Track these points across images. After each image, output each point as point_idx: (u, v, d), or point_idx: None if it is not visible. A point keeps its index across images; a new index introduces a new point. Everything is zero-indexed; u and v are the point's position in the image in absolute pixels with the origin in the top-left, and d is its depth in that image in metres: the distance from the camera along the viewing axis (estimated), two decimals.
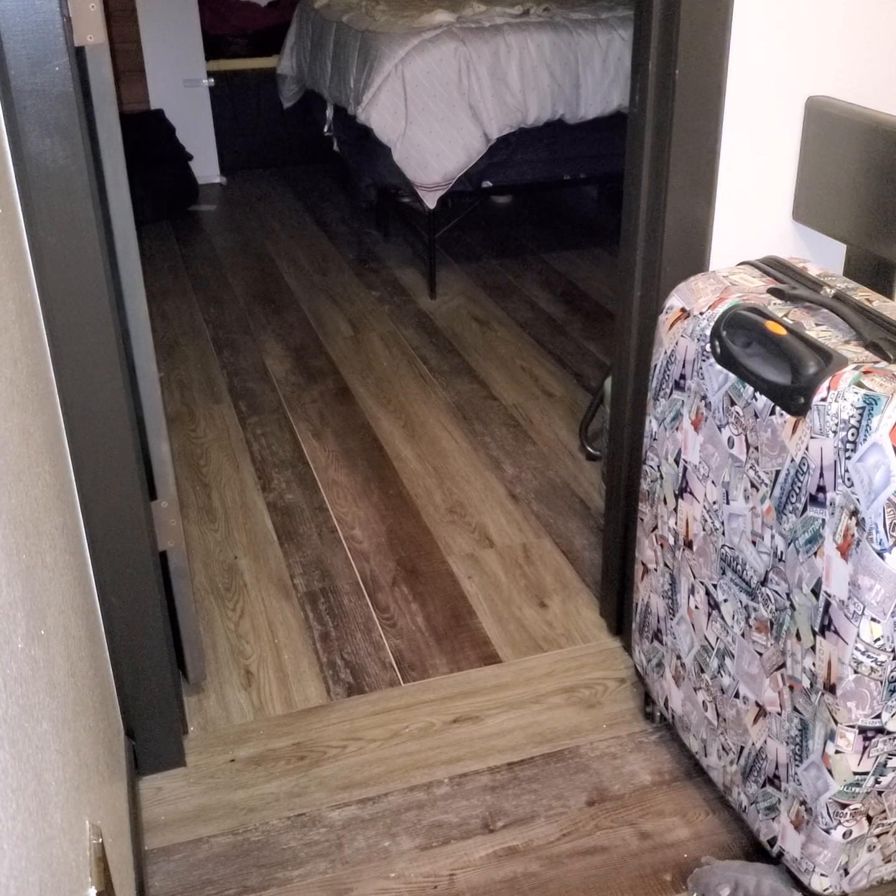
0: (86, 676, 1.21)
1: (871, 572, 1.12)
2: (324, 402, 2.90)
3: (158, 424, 1.58)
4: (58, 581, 1.09)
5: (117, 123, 1.36)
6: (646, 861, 1.53)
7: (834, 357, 1.18)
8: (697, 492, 1.44)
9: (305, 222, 4.48)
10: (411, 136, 3.36)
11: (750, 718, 1.41)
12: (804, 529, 1.22)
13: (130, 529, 1.52)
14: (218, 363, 3.17)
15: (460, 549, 2.25)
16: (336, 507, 2.41)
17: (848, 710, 1.20)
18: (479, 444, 2.67)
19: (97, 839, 1.01)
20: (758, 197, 1.59)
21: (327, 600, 2.09)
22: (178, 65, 4.77)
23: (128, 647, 1.59)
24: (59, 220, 1.31)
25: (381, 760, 1.71)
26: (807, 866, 1.34)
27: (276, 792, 1.66)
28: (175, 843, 1.57)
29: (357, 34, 3.63)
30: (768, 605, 1.32)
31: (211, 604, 2.09)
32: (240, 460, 2.61)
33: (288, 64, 4.49)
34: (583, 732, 1.76)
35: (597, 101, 3.49)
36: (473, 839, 1.57)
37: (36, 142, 1.26)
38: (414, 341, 3.29)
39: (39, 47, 1.22)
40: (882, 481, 1.09)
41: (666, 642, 1.61)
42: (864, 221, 1.47)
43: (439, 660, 1.93)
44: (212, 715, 1.81)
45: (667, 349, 1.46)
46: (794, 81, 1.52)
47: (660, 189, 1.55)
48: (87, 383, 1.41)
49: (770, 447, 1.26)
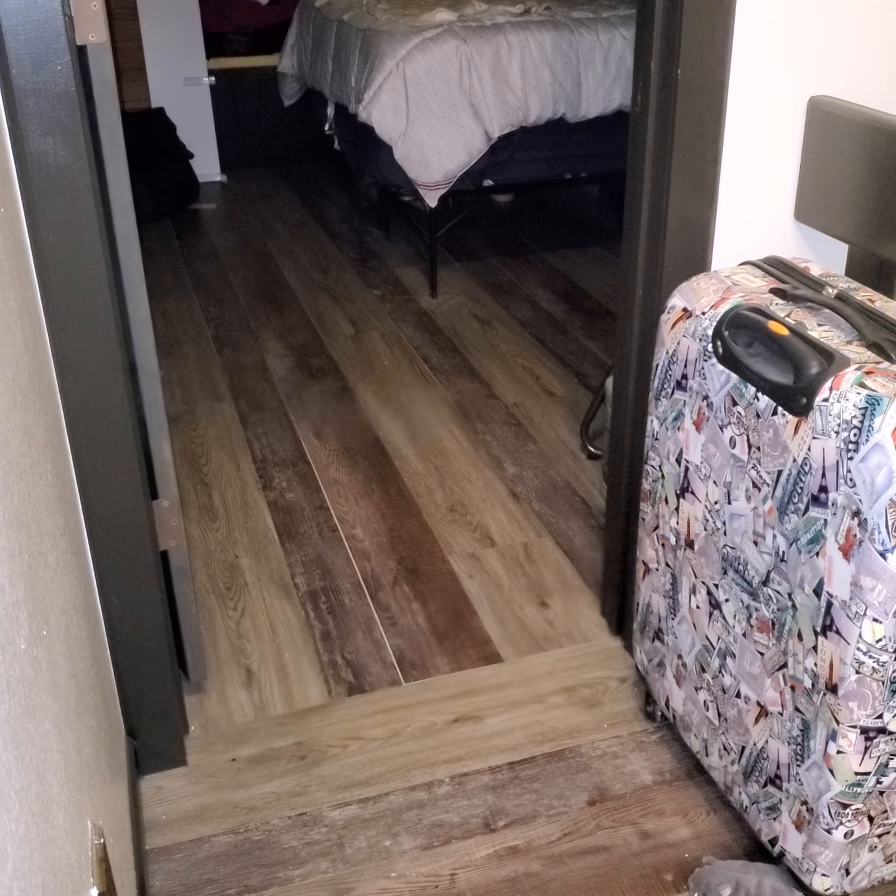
0: (87, 676, 1.21)
1: (873, 573, 1.12)
2: (324, 401, 2.90)
3: (159, 423, 1.58)
4: (60, 581, 1.09)
5: (119, 122, 1.36)
6: (647, 861, 1.53)
7: (836, 357, 1.18)
8: (699, 492, 1.44)
9: (306, 221, 4.48)
10: (412, 135, 3.36)
11: (751, 718, 1.41)
12: (806, 530, 1.21)
13: (131, 529, 1.52)
14: (219, 362, 3.17)
15: (461, 548, 2.25)
16: (337, 506, 2.41)
17: (849, 710, 1.20)
18: (480, 443, 2.66)
19: (99, 839, 1.01)
20: (760, 197, 1.58)
21: (328, 599, 2.09)
22: (178, 63, 4.76)
23: (129, 647, 1.59)
24: (61, 219, 1.31)
25: (382, 760, 1.71)
26: (808, 866, 1.34)
27: (277, 791, 1.66)
28: (176, 843, 1.57)
29: (358, 33, 3.62)
30: (770, 605, 1.32)
31: (212, 603, 2.09)
32: (240, 459, 2.61)
33: (289, 62, 4.49)
34: (584, 732, 1.76)
35: (598, 101, 3.48)
36: (474, 839, 1.57)
37: (38, 141, 1.26)
38: (415, 340, 3.29)
39: (41, 46, 1.22)
40: (884, 482, 1.09)
41: (667, 642, 1.61)
42: (867, 222, 1.47)
43: (440, 659, 1.93)
44: (213, 714, 1.81)
45: (668, 349, 1.46)
46: (797, 81, 1.52)
47: (662, 188, 1.55)
48: (88, 382, 1.41)
49: (772, 447, 1.26)
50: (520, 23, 3.45)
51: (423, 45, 3.33)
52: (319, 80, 4.07)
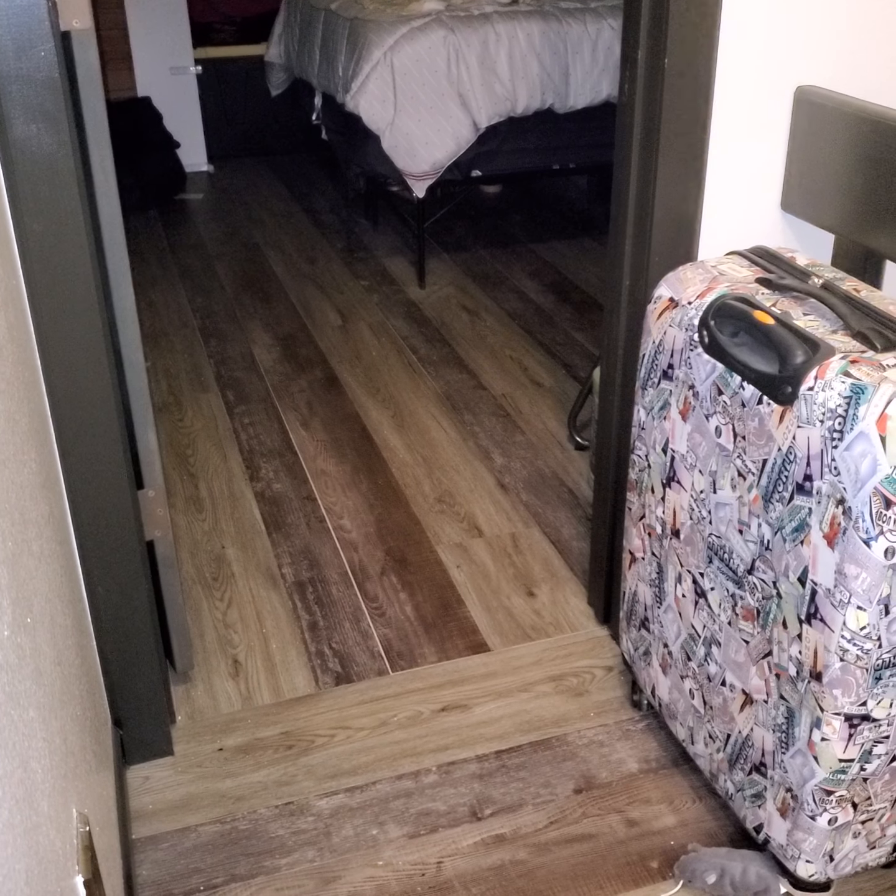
0: (72, 665, 1.20)
1: (857, 560, 1.13)
2: (312, 392, 2.90)
3: (145, 413, 1.57)
4: (44, 569, 1.08)
5: (104, 109, 1.35)
6: (633, 848, 1.54)
7: (821, 346, 1.18)
8: (685, 481, 1.44)
9: (293, 211, 4.47)
10: (400, 125, 3.35)
11: (736, 706, 1.42)
12: (791, 518, 1.22)
13: (117, 518, 1.51)
14: (205, 352, 3.16)
15: (449, 538, 2.25)
16: (324, 496, 2.40)
17: (834, 697, 1.21)
18: (468, 433, 2.66)
19: (84, 827, 1.01)
20: (747, 187, 1.59)
21: (315, 590, 2.09)
22: (165, 52, 4.74)
23: (115, 637, 1.59)
24: (45, 208, 1.30)
25: (369, 749, 1.72)
26: (792, 853, 1.35)
27: (264, 781, 1.66)
28: (162, 832, 1.57)
29: (346, 22, 3.61)
30: (755, 594, 1.32)
31: (198, 593, 2.09)
32: (227, 450, 2.61)
33: (276, 52, 4.47)
34: (570, 720, 1.76)
35: (586, 91, 3.48)
36: (461, 827, 1.58)
37: (21, 128, 1.25)
38: (403, 331, 3.28)
39: (24, 32, 1.21)
40: (868, 470, 1.10)
41: (653, 630, 1.61)
42: (853, 211, 1.47)
43: (427, 649, 1.93)
44: (199, 704, 1.81)
45: (655, 339, 1.46)
46: (784, 71, 1.52)
47: (649, 179, 1.55)
48: (73, 372, 1.40)
49: (757, 436, 1.26)
50: (508, 12, 3.44)
51: (410, 34, 3.32)
52: (307, 70, 4.05)
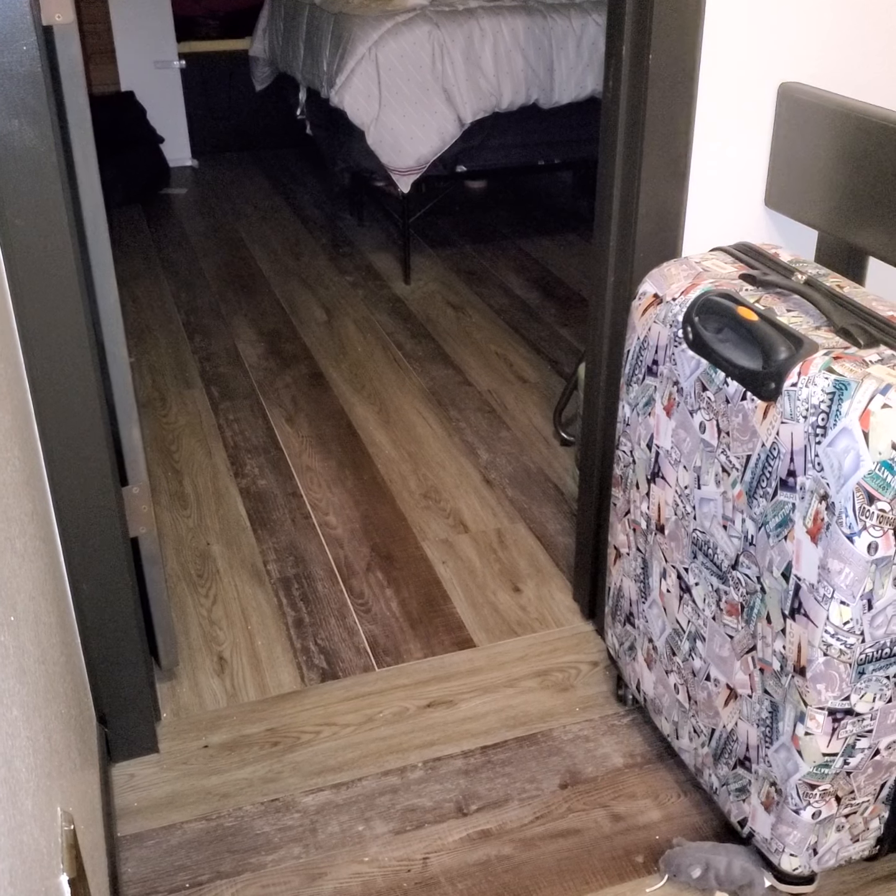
0: (57, 663, 1.20)
1: (840, 556, 1.13)
2: (297, 388, 2.89)
3: (129, 410, 1.56)
4: (28, 567, 1.08)
5: (87, 104, 1.34)
6: (618, 843, 1.54)
7: (805, 343, 1.19)
8: (669, 476, 1.45)
9: (278, 206, 4.45)
10: (385, 120, 3.35)
11: (721, 701, 1.42)
12: (775, 513, 1.23)
13: (101, 515, 1.50)
14: (189, 348, 3.15)
15: (435, 534, 2.25)
16: (310, 493, 2.40)
17: (817, 692, 1.21)
18: (453, 429, 2.66)
19: (69, 826, 1.01)
20: (730, 183, 1.59)
21: (301, 586, 2.09)
22: (148, 46, 4.71)
23: (99, 634, 1.58)
24: (28, 203, 1.29)
25: (354, 745, 1.72)
26: (776, 847, 1.36)
27: (250, 777, 1.66)
28: (148, 830, 1.57)
29: (330, 17, 3.60)
30: (739, 589, 1.33)
31: (183, 590, 2.08)
32: (212, 446, 2.60)
33: (260, 46, 4.45)
34: (556, 716, 1.77)
35: (571, 87, 3.48)
36: (447, 823, 1.58)
37: (3, 123, 1.24)
38: (388, 326, 3.28)
39: (6, 26, 1.20)
40: (852, 466, 1.10)
41: (638, 626, 1.62)
42: (836, 208, 1.48)
43: (413, 645, 1.94)
44: (185, 701, 1.80)
45: (639, 335, 1.47)
46: (767, 68, 1.53)
47: (633, 175, 1.55)
48: (56, 367, 1.39)
49: (741, 432, 1.27)
50: (492, 7, 3.44)
51: (395, 29, 3.31)
52: (291, 65, 4.04)
